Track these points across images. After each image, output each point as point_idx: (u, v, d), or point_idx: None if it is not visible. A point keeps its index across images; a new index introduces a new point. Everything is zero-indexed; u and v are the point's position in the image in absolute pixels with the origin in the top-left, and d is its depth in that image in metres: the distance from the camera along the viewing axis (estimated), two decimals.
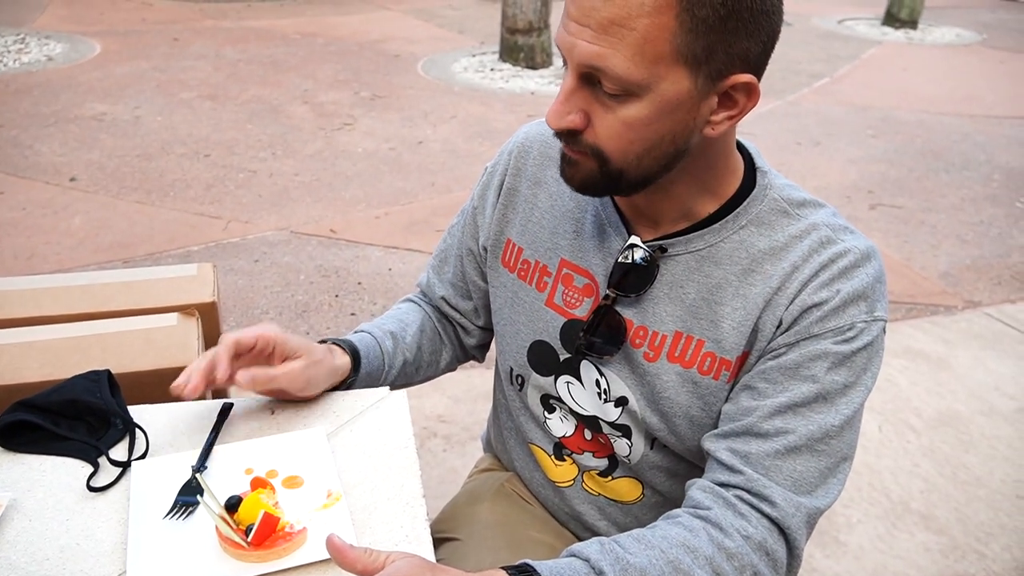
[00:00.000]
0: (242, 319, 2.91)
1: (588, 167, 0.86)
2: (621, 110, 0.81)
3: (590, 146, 0.85)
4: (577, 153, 0.86)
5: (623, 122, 0.82)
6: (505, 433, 1.21)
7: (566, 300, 1.02)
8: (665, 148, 0.84)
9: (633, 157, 0.84)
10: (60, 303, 1.33)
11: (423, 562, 0.73)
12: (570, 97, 0.82)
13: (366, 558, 0.71)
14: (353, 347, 1.11)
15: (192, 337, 1.27)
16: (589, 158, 0.85)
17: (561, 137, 0.86)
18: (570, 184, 0.90)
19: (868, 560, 2.04)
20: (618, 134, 0.83)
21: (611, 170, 0.86)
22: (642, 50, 0.77)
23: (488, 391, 1.21)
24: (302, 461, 0.98)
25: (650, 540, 0.83)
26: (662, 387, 0.95)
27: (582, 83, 0.82)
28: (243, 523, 0.85)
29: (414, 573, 0.71)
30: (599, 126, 0.83)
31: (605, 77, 0.79)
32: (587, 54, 0.78)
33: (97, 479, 0.95)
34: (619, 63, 0.77)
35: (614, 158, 0.85)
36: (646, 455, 1.02)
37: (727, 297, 0.91)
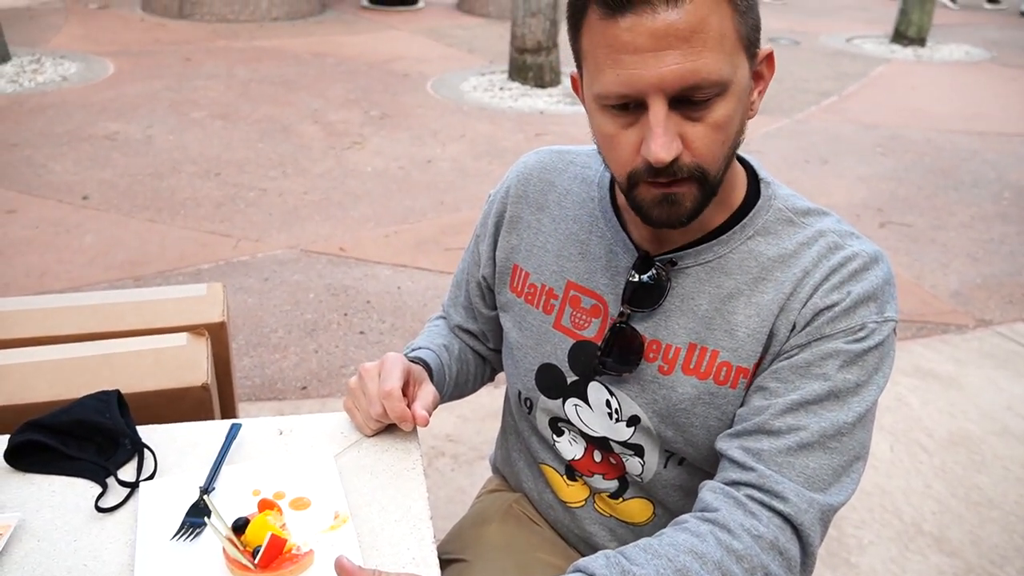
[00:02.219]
0: (251, 337, 2.91)
1: (691, 194, 0.85)
2: (710, 116, 0.81)
3: (692, 166, 0.83)
4: (680, 184, 0.84)
5: (715, 127, 0.82)
6: (514, 454, 1.21)
7: (574, 322, 1.02)
8: (736, 141, 0.86)
9: (724, 161, 0.85)
10: (70, 323, 1.34)
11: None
12: (667, 126, 0.80)
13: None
14: (427, 363, 1.11)
15: (201, 357, 1.28)
16: (693, 183, 0.84)
17: (661, 173, 0.83)
18: (670, 224, 0.88)
19: None
20: (713, 140, 0.83)
21: (710, 183, 0.85)
22: (721, 46, 0.79)
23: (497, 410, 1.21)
24: (309, 483, 0.98)
25: (656, 549, 0.83)
26: (678, 400, 0.95)
27: (670, 108, 0.81)
28: (250, 545, 0.85)
29: None
30: (695, 142, 0.82)
31: (703, 87, 0.79)
32: (682, 72, 0.78)
33: (105, 500, 0.95)
34: (712, 63, 0.78)
35: (711, 169, 0.84)
36: (659, 473, 1.02)
37: (740, 306, 0.92)
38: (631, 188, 0.87)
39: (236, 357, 2.72)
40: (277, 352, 2.85)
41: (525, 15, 6.19)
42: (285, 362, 2.80)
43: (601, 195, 1.03)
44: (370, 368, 1.02)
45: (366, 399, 1.02)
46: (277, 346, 2.88)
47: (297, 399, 2.61)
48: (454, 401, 1.23)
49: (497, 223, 1.11)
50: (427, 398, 1.02)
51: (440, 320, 1.26)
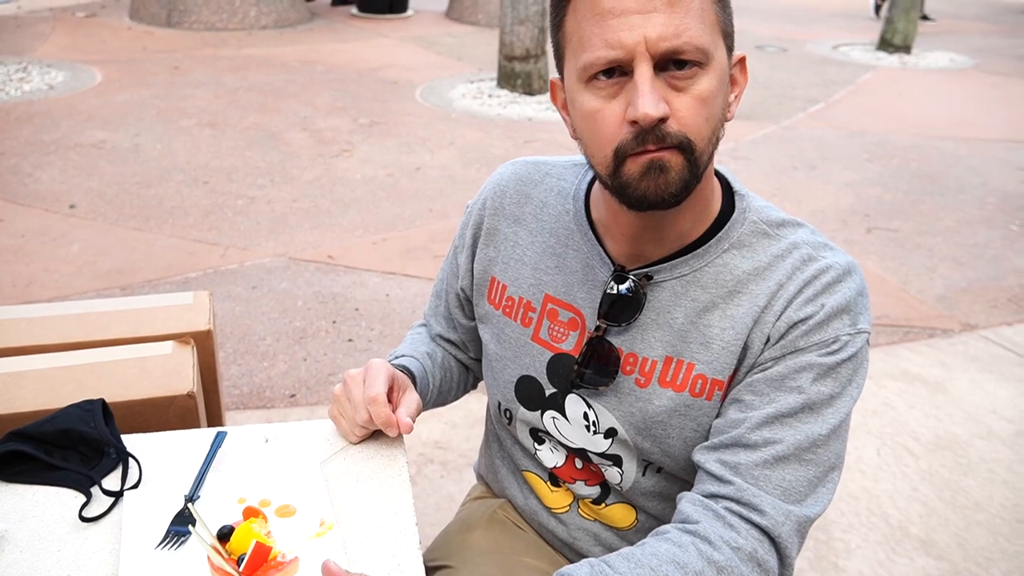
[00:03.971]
0: (239, 345, 2.90)
1: (678, 163, 0.83)
2: (693, 87, 0.82)
3: (679, 133, 0.82)
4: (665, 150, 0.82)
5: (698, 99, 0.82)
6: (497, 462, 1.22)
7: (552, 335, 1.02)
8: (717, 130, 0.86)
9: (707, 140, 0.85)
10: (54, 332, 1.33)
11: None
12: (653, 85, 0.80)
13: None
14: (411, 371, 1.12)
15: (187, 366, 1.26)
16: (678, 152, 0.83)
17: (649, 137, 0.81)
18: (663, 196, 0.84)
19: None
20: (696, 112, 0.82)
21: (696, 159, 0.84)
22: (702, 18, 0.81)
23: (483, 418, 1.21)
24: (295, 490, 0.97)
25: (639, 559, 0.83)
26: (654, 412, 0.96)
27: (656, 72, 0.81)
28: (235, 553, 0.85)
29: None
30: (680, 110, 0.82)
31: (687, 50, 0.80)
32: (667, 34, 0.79)
33: (89, 509, 0.94)
34: (696, 30, 0.80)
35: (697, 143, 0.83)
36: (638, 481, 1.03)
37: (715, 319, 0.92)
38: (617, 167, 0.85)
39: (224, 365, 2.75)
40: (265, 360, 2.84)
41: (513, 23, 6.21)
42: (273, 370, 2.79)
43: (576, 208, 1.02)
44: (355, 375, 1.02)
45: (351, 405, 1.02)
46: (265, 354, 2.88)
47: (285, 407, 2.60)
48: (443, 408, 1.23)
49: (475, 235, 1.11)
50: (411, 405, 1.02)
51: (422, 327, 1.26)
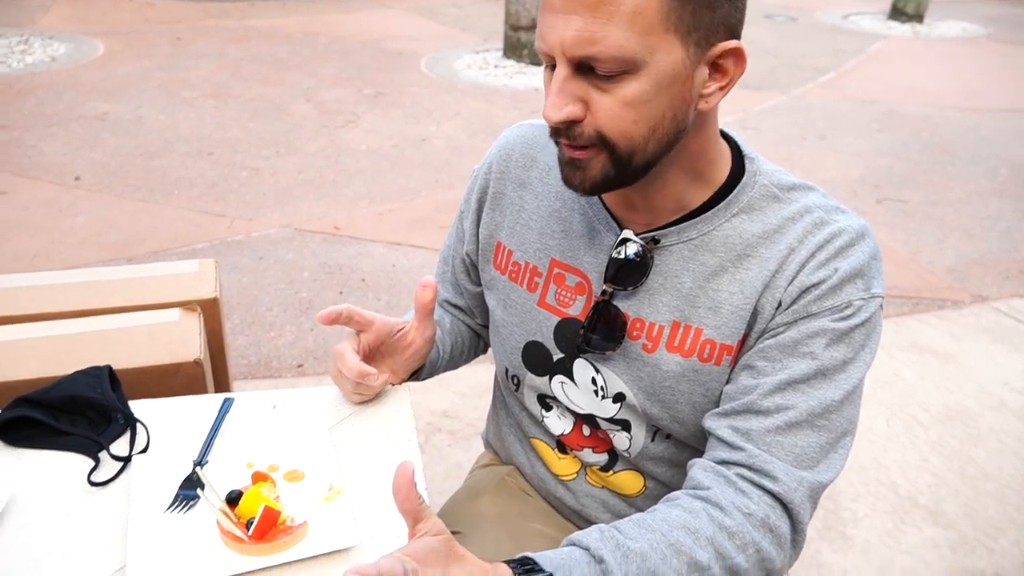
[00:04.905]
0: (246, 316, 2.90)
1: (598, 162, 0.84)
2: (619, 90, 0.79)
3: (593, 135, 0.82)
4: (582, 150, 0.84)
5: (623, 102, 0.80)
6: (504, 429, 1.21)
7: (559, 299, 1.01)
8: (667, 126, 0.83)
9: (639, 139, 0.82)
10: (60, 300, 1.32)
11: (448, 542, 0.72)
12: (564, 87, 0.80)
13: (418, 505, 0.71)
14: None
15: (194, 333, 1.26)
16: (597, 151, 0.83)
17: (560, 134, 0.84)
18: (579, 189, 0.87)
19: (875, 555, 2.02)
20: (620, 116, 0.81)
21: (621, 157, 0.83)
22: (633, 23, 0.76)
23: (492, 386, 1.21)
24: (303, 455, 0.97)
25: (650, 524, 0.82)
26: (662, 377, 0.95)
27: (575, 72, 0.80)
28: (244, 517, 0.85)
29: (437, 549, 0.70)
30: (599, 112, 0.81)
31: (601, 59, 0.78)
32: (581, 40, 0.77)
33: (98, 474, 0.94)
34: (616, 38, 0.76)
35: (621, 143, 0.82)
36: (646, 448, 1.02)
37: (724, 283, 0.91)
38: (556, 144, 0.87)
39: (231, 336, 2.74)
40: (272, 331, 2.84)
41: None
42: (280, 340, 2.79)
43: None
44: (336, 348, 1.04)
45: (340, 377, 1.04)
46: (272, 325, 2.87)
47: (293, 377, 2.61)
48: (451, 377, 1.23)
49: (480, 199, 1.10)
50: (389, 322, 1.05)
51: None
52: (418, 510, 0.71)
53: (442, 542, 0.71)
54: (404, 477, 0.70)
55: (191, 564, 0.82)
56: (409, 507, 0.71)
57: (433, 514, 0.72)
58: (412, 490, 0.70)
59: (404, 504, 0.71)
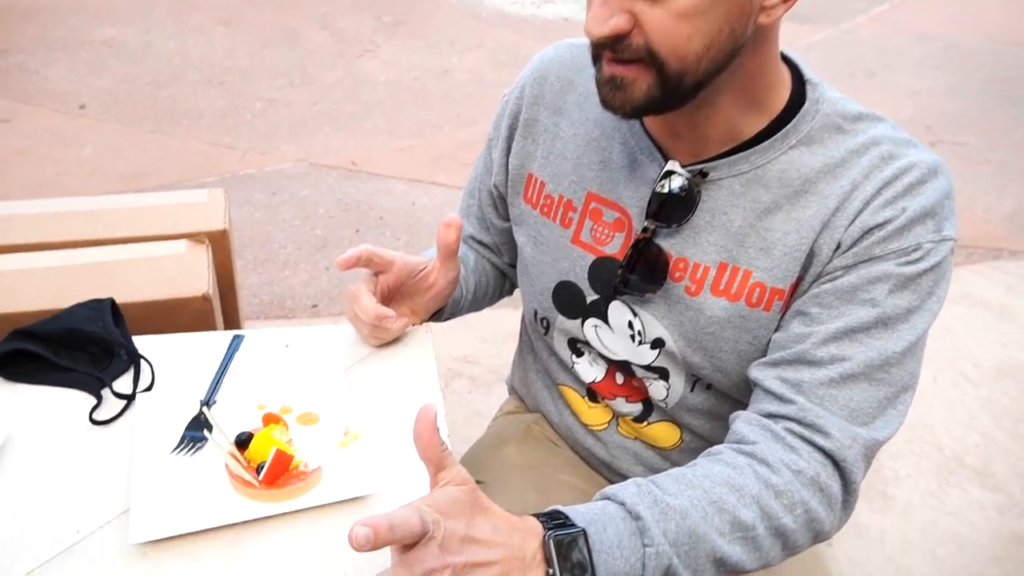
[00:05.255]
0: (259, 253, 2.89)
1: (644, 81, 0.79)
2: (671, 1, 0.74)
3: (641, 49, 0.77)
4: (627, 66, 0.79)
5: (676, 14, 0.75)
6: (531, 375, 1.19)
7: (595, 236, 0.98)
8: (723, 42, 0.78)
9: (692, 57, 0.77)
10: (62, 229, 1.31)
11: (472, 492, 0.70)
12: (607, 1, 0.76)
13: (441, 451, 0.69)
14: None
15: (202, 266, 1.25)
16: (643, 68, 0.78)
17: (604, 48, 0.79)
18: (619, 111, 0.83)
19: (917, 516, 2.01)
20: (672, 29, 0.76)
21: (669, 76, 0.78)
22: None
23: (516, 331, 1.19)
24: (318, 397, 0.96)
25: (690, 479, 0.80)
26: (706, 323, 0.92)
27: None
28: (254, 461, 0.84)
29: (460, 500, 0.68)
30: (649, 25, 0.76)
31: None
32: None
33: (100, 412, 0.93)
34: None
35: (671, 61, 0.77)
36: (684, 398, 0.99)
37: (777, 222, 0.87)
38: (595, 64, 0.84)
39: (243, 274, 2.72)
40: (286, 269, 2.84)
41: None
42: (295, 279, 2.78)
43: None
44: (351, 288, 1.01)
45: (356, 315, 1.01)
46: (286, 263, 2.87)
47: (307, 317, 2.60)
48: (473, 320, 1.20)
49: (511, 126, 1.06)
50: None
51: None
52: (441, 457, 0.69)
53: (466, 492, 0.69)
54: (426, 421, 0.68)
55: (197, 509, 0.81)
56: (431, 454, 0.69)
57: (457, 462, 0.70)
58: (435, 435, 0.68)
59: (426, 450, 0.68)
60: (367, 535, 0.61)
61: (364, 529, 0.61)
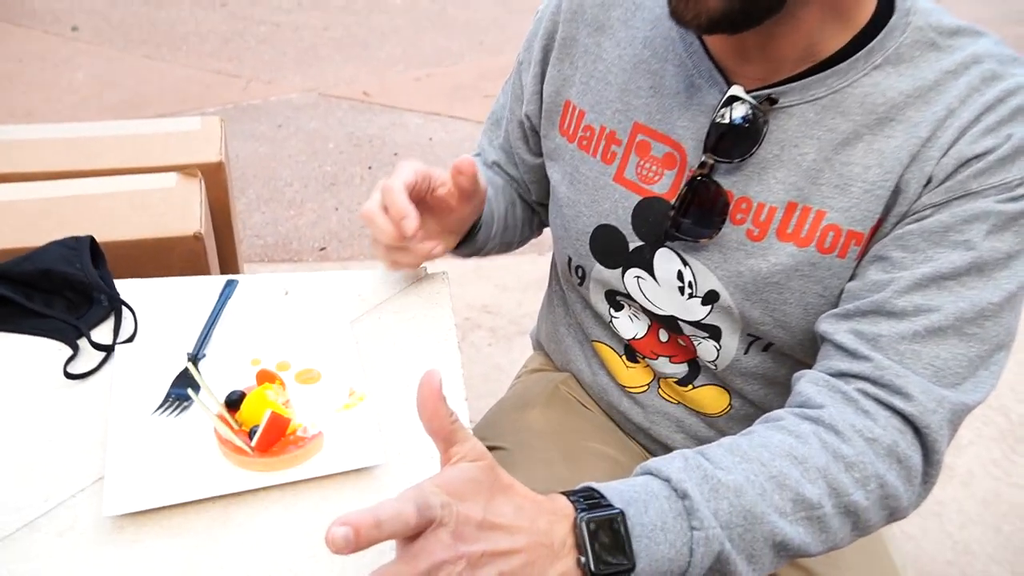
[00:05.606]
0: (263, 191, 2.88)
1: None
2: None
3: None
4: None
5: None
6: (562, 330, 1.15)
7: (641, 174, 0.93)
8: None
9: None
10: (39, 158, 1.27)
11: (490, 470, 0.64)
12: None
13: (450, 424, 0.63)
14: None
15: (193, 202, 1.21)
16: None
17: None
18: (691, 24, 0.77)
19: (979, 487, 1.96)
20: None
21: None
22: None
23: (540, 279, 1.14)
24: (320, 352, 0.92)
25: (746, 451, 0.74)
26: (769, 272, 0.86)
27: None
28: (246, 424, 0.80)
29: (476, 479, 0.63)
30: None
31: None
32: None
33: (76, 364, 0.90)
34: None
35: None
36: (738, 360, 0.95)
37: (857, 154, 0.82)
38: None
39: (246, 213, 2.74)
40: (292, 208, 2.83)
41: None
42: (301, 219, 2.77)
43: None
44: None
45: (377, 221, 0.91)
46: (292, 201, 2.86)
47: (314, 261, 2.60)
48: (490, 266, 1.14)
49: (545, 47, 1.01)
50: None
51: (476, 158, 1.16)
52: (450, 431, 0.63)
53: (483, 469, 0.64)
54: (430, 389, 0.62)
55: (181, 479, 0.77)
56: (438, 426, 0.63)
57: (471, 435, 0.65)
58: (440, 405, 0.62)
59: (432, 423, 0.62)
60: (346, 536, 0.54)
61: (342, 529, 0.54)
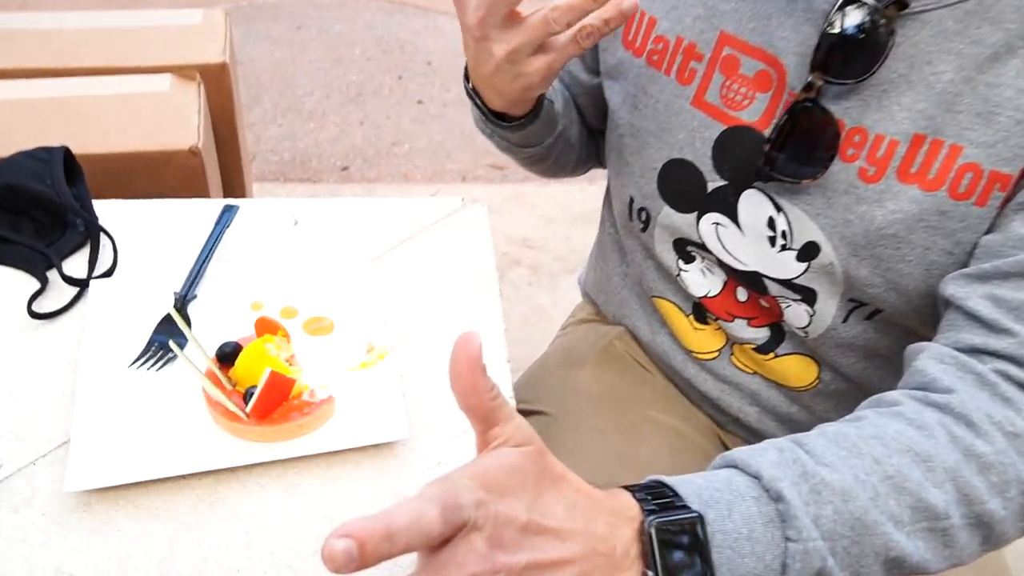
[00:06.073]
0: (279, 101, 2.88)
1: None
2: None
3: None
4: None
5: None
6: (616, 280, 1.11)
7: (727, 97, 0.87)
8: None
9: None
10: (11, 53, 1.24)
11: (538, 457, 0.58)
12: None
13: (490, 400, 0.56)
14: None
15: (191, 109, 1.17)
16: None
17: None
18: None
19: None
20: None
21: None
22: None
23: (589, 211, 1.07)
24: (334, 297, 0.90)
25: (854, 442, 0.68)
26: (885, 222, 0.80)
27: None
28: (241, 384, 0.77)
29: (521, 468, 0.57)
30: None
31: None
32: None
33: (43, 301, 0.88)
34: None
35: None
36: (834, 328, 0.89)
37: (1009, 74, 0.75)
38: None
39: (260, 125, 2.76)
40: (312, 121, 2.82)
41: None
42: (322, 134, 2.76)
43: None
44: None
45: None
46: (312, 113, 2.85)
47: (336, 182, 2.58)
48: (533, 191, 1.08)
49: None
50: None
51: None
52: (490, 408, 0.56)
53: (529, 457, 0.57)
54: (466, 356, 0.55)
55: (161, 448, 0.74)
56: (475, 403, 0.56)
57: (515, 413, 0.58)
58: (479, 377, 0.55)
59: (467, 399, 0.55)
60: (347, 551, 0.46)
61: (342, 543, 0.46)
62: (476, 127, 1.03)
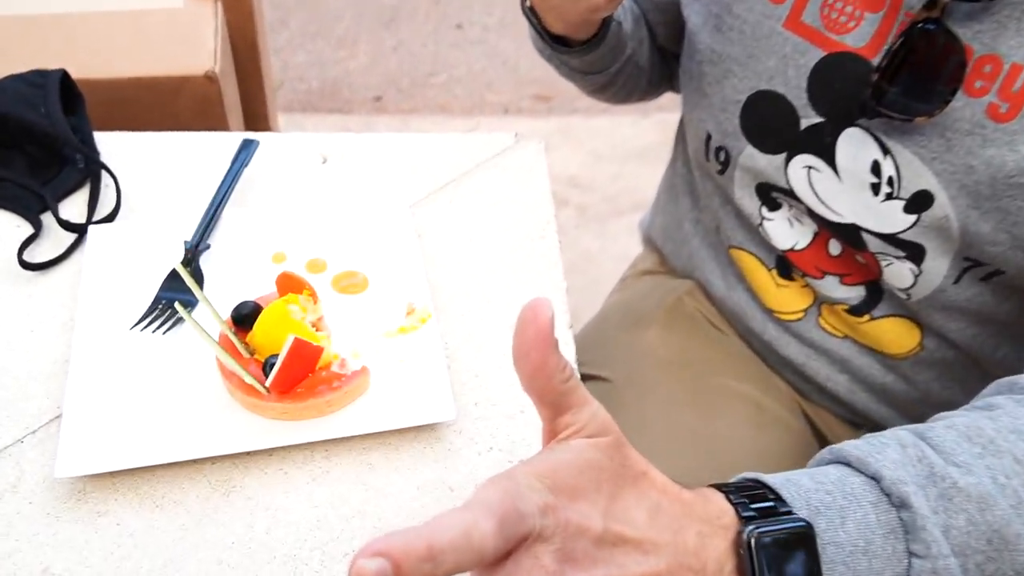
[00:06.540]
0: (307, 25, 2.83)
1: None
2: None
3: None
4: None
5: None
6: (687, 227, 1.06)
7: (828, 17, 0.83)
8: None
9: None
10: None
11: (616, 450, 0.52)
12: None
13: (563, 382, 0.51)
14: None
15: (206, 30, 1.14)
16: None
17: None
18: None
19: None
20: None
21: None
22: None
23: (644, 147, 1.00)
24: (367, 249, 0.85)
25: (992, 437, 0.62)
26: (1017, 168, 0.75)
27: None
28: (261, 352, 0.72)
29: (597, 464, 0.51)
30: None
31: None
32: None
33: (35, 250, 0.84)
34: None
35: None
36: (943, 290, 0.84)
37: None
38: None
39: (286, 51, 2.71)
40: (343, 48, 2.76)
41: None
42: (353, 62, 2.71)
43: None
44: None
45: None
46: (343, 39, 2.79)
47: (368, 114, 2.54)
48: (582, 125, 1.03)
49: None
50: None
51: None
52: (561, 391, 0.51)
53: (606, 450, 0.51)
54: (535, 330, 0.49)
55: (167, 428, 0.69)
56: (544, 386, 0.50)
57: (590, 398, 0.52)
58: (550, 355, 0.49)
59: (534, 381, 0.50)
60: (380, 572, 0.41)
61: (374, 563, 0.41)
62: (534, 47, 0.98)
